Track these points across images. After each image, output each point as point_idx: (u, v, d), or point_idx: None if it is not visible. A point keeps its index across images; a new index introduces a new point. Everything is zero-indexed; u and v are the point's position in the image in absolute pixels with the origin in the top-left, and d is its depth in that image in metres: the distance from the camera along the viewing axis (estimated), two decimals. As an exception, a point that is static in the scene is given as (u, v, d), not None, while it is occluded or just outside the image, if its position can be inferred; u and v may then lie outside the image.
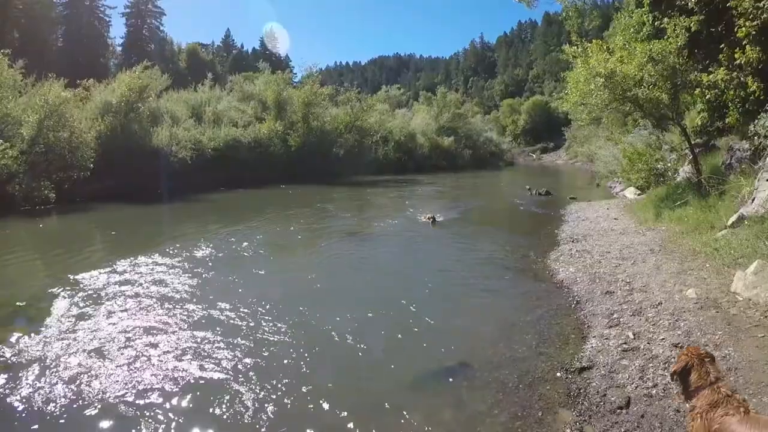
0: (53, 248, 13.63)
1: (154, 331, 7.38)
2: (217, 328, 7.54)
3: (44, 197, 19.34)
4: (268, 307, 8.46)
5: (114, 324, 7.65)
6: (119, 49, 77.54)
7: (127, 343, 6.97)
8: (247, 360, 6.50)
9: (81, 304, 8.50)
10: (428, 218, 16.18)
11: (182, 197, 22.31)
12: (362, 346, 7.11)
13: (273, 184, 28.14)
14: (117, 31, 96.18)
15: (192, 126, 29.57)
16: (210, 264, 11.22)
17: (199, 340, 7.09)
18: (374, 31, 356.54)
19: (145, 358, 6.50)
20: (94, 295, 8.95)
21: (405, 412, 5.40)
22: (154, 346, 6.88)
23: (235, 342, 7.06)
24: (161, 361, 6.45)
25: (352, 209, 21.07)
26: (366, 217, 19.10)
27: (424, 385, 6.05)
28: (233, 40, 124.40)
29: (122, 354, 6.63)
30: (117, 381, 5.92)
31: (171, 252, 12.10)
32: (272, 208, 20.53)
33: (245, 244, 13.32)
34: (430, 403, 5.63)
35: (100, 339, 7.06)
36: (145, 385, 5.84)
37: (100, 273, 10.22)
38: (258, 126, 33.35)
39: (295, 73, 59.20)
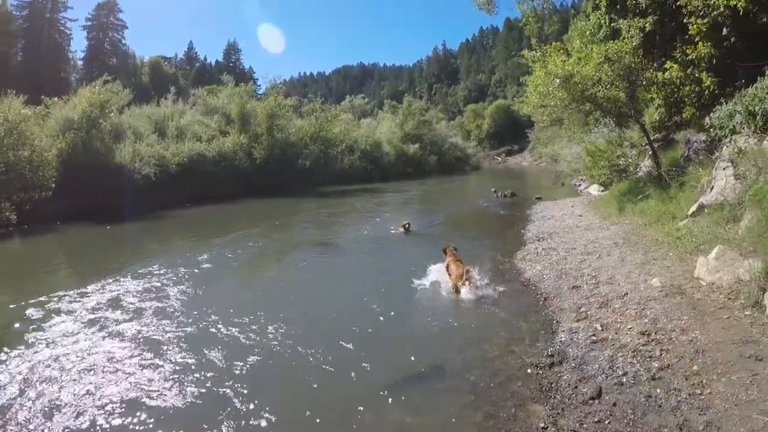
0: (16, 272, 13.18)
1: (119, 352, 7.21)
2: (187, 344, 7.44)
3: (5, 219, 18.70)
4: (237, 320, 8.38)
5: (80, 347, 7.43)
6: (80, 63, 75.62)
7: (94, 364, 6.81)
8: (219, 372, 6.45)
9: (47, 329, 8.20)
10: (404, 226, 16.14)
11: (147, 215, 21.79)
12: (333, 354, 7.07)
13: (239, 198, 27.73)
14: (78, 45, 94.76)
15: (155, 141, 28.88)
16: (177, 282, 10.95)
17: (167, 357, 6.97)
18: (338, 42, 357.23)
19: (111, 379, 6.37)
20: (60, 319, 8.64)
21: (377, 419, 5.42)
22: (119, 366, 6.74)
23: (204, 355, 6.98)
24: (129, 380, 6.33)
25: (320, 221, 20.88)
26: (334, 228, 18.95)
27: (395, 391, 6.00)
28: (196, 52, 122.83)
29: (89, 375, 6.48)
30: (85, 403, 5.79)
31: (137, 272, 11.75)
32: (239, 222, 20.24)
33: (212, 260, 13.07)
34: (402, 409, 5.62)
35: (66, 362, 6.87)
36: (112, 405, 5.73)
37: (65, 296, 9.84)
38: (222, 140, 32.79)
39: (259, 85, 58.70)
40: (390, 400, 5.80)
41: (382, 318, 8.47)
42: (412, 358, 6.87)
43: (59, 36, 68.11)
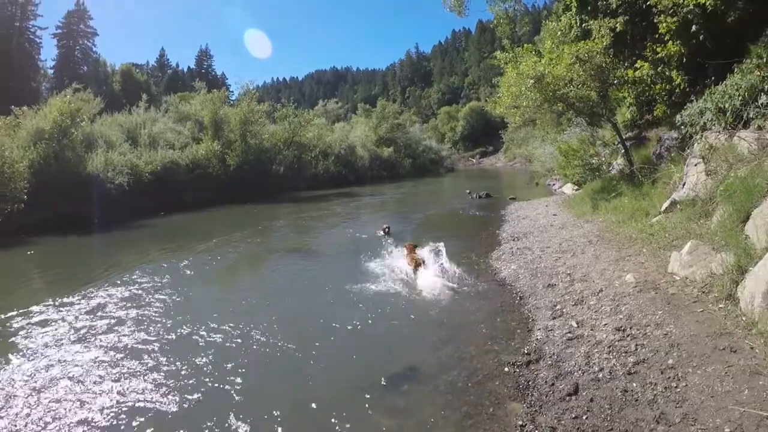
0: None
1: (98, 363, 7.10)
2: (165, 352, 7.38)
3: (-24, 233, 18.20)
4: (215, 327, 8.32)
5: (58, 358, 7.30)
6: (51, 71, 73.97)
7: (71, 375, 6.69)
8: (196, 379, 6.42)
9: (22, 342, 8.02)
10: (384, 229, 16.13)
11: (121, 224, 21.37)
12: (310, 359, 7.05)
13: (214, 206, 27.47)
14: (48, 53, 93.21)
15: (128, 150, 28.42)
16: (154, 291, 10.73)
17: (144, 367, 6.90)
18: (311, 46, 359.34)
19: (90, 390, 6.29)
20: (37, 332, 8.44)
21: (355, 422, 5.39)
22: (97, 377, 6.65)
23: (182, 363, 6.93)
24: (107, 390, 6.26)
25: (297, 226, 20.75)
26: (311, 234, 18.87)
27: (373, 393, 5.99)
28: (168, 59, 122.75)
29: (67, 386, 6.39)
30: (63, 414, 5.71)
31: (114, 282, 11.50)
32: (214, 230, 19.95)
33: (190, 269, 12.89)
34: (381, 411, 5.60)
35: (43, 374, 6.75)
36: (92, 415, 5.68)
37: (40, 309, 9.57)
38: (195, 147, 32.44)
39: (232, 92, 58.43)
40: (368, 402, 5.78)
41: (358, 321, 8.43)
42: (389, 360, 6.90)
43: (29, 44, 66.44)
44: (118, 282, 11.57)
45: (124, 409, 5.81)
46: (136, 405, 5.89)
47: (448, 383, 6.04)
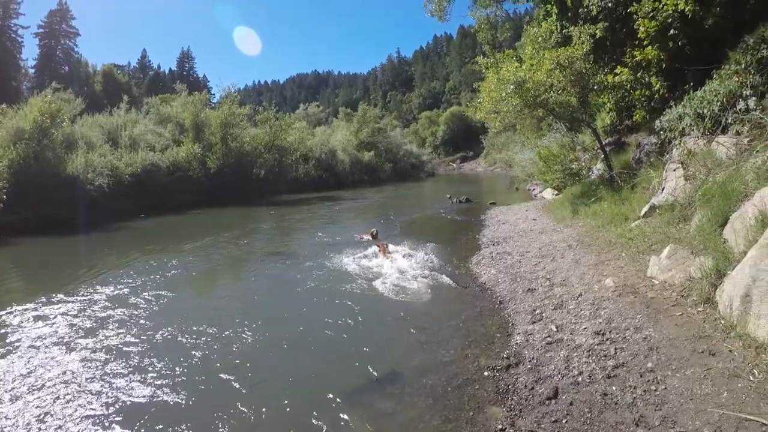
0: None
1: (78, 365, 7.03)
2: (145, 355, 7.32)
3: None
4: (196, 330, 8.27)
5: (37, 361, 7.21)
6: (32, 71, 73.24)
7: (50, 378, 6.62)
8: (174, 382, 6.39)
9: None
10: (372, 233, 16.15)
11: (101, 226, 21.10)
12: (290, 363, 7.04)
13: (194, 208, 27.28)
14: (30, 53, 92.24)
15: (108, 151, 28.16)
16: (134, 294, 10.59)
17: (121, 369, 6.86)
18: (293, 50, 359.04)
19: (68, 392, 6.22)
20: (16, 335, 8.30)
21: (336, 425, 5.38)
22: (75, 379, 6.59)
23: (156, 365, 6.90)
24: (85, 393, 6.22)
25: (277, 230, 20.67)
26: (291, 237, 18.79)
27: (353, 398, 5.99)
28: (150, 60, 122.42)
29: (45, 388, 6.32)
30: (42, 416, 5.66)
31: (93, 285, 11.37)
32: (194, 233, 19.77)
33: (170, 271, 12.73)
34: (361, 415, 5.59)
35: (22, 377, 6.67)
36: (69, 418, 5.62)
37: (19, 311, 9.47)
38: (176, 149, 32.20)
39: (213, 94, 58.17)
40: (348, 406, 5.77)
41: (338, 324, 8.44)
42: (369, 365, 6.85)
43: (11, 43, 65.58)
44: (97, 284, 11.46)
45: (99, 411, 5.75)
46: (112, 407, 5.83)
47: (429, 387, 6.04)
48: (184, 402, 5.97)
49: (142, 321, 8.90)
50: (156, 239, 18.96)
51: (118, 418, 5.63)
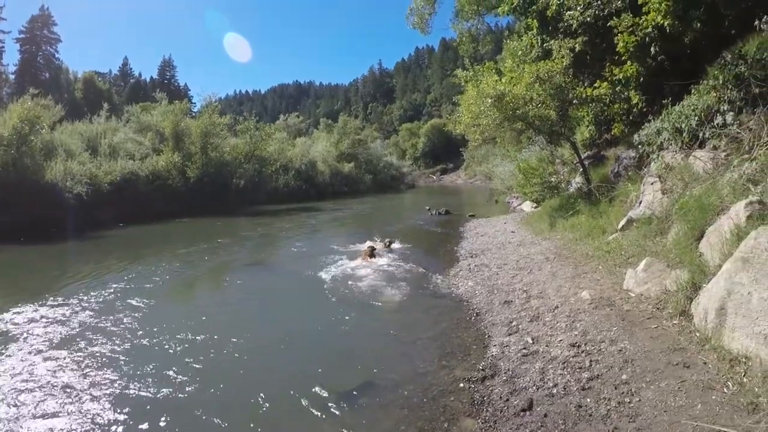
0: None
1: (51, 374, 6.93)
2: (114, 365, 7.24)
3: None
4: (167, 338, 8.24)
5: (7, 370, 7.11)
6: (12, 77, 72.21)
7: (21, 388, 6.52)
8: (149, 392, 6.35)
9: None
10: (386, 243, 16.19)
11: (79, 235, 20.85)
12: (264, 373, 7.03)
13: (173, 218, 27.02)
14: (10, 58, 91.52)
15: (87, 159, 27.91)
16: (111, 304, 10.45)
17: (102, 380, 6.75)
18: (274, 60, 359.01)
19: (42, 405, 6.10)
20: None
21: None
22: (47, 390, 6.48)
23: (129, 374, 6.85)
24: (58, 402, 6.13)
25: (256, 240, 20.51)
26: (269, 248, 18.72)
27: (328, 408, 5.96)
28: (131, 68, 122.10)
29: (17, 397, 6.24)
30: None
31: (70, 294, 11.20)
32: (173, 243, 19.66)
33: (148, 281, 12.59)
34: (337, 425, 5.57)
35: None
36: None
37: None
38: (155, 158, 32.02)
39: (194, 103, 57.88)
40: (323, 417, 5.75)
41: (314, 335, 8.52)
42: (345, 374, 6.87)
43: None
44: (72, 293, 11.33)
45: (77, 418, 5.72)
46: (90, 414, 5.79)
47: (404, 398, 6.03)
48: (146, 410, 5.91)
49: (113, 331, 8.77)
50: (133, 249, 18.71)
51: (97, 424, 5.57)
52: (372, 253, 14.14)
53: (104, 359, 7.45)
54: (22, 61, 75.08)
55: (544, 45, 16.99)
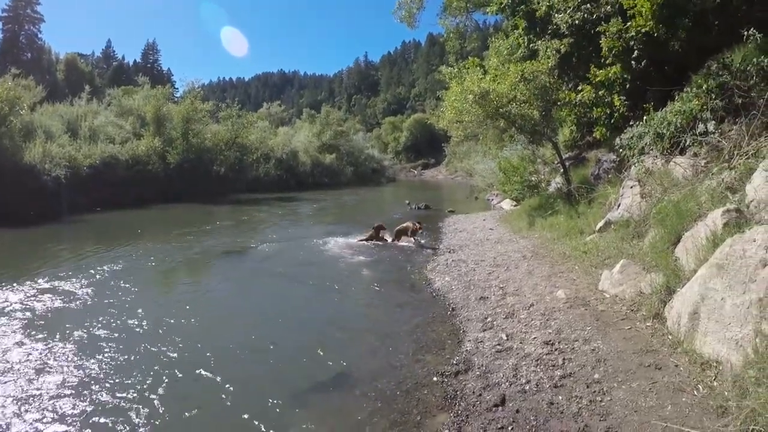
0: None
1: (19, 362, 6.85)
2: (81, 354, 7.14)
3: None
4: (147, 328, 8.21)
5: None
6: None
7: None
8: (123, 382, 6.28)
9: None
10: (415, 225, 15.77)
11: (56, 219, 20.69)
12: (237, 365, 6.95)
13: (152, 204, 26.93)
14: None
15: (67, 142, 27.56)
16: (87, 290, 10.36)
17: (70, 371, 6.64)
18: (259, 48, 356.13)
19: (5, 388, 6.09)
20: None
21: (285, 428, 5.34)
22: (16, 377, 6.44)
23: (97, 364, 6.77)
24: (27, 390, 6.08)
25: (236, 229, 20.37)
26: (248, 237, 18.50)
27: (302, 399, 5.96)
28: (114, 51, 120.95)
29: None
30: None
31: (45, 279, 11.07)
32: (152, 229, 19.52)
33: (124, 267, 12.49)
34: (310, 417, 5.55)
35: None
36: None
37: None
38: (136, 143, 31.81)
39: (177, 88, 57.31)
40: (296, 409, 5.75)
41: (288, 328, 8.46)
42: (319, 367, 6.83)
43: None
44: (50, 278, 11.17)
45: (48, 405, 5.68)
46: (48, 410, 5.68)
47: (377, 391, 6.02)
48: (117, 404, 5.84)
49: (84, 319, 8.64)
50: (112, 234, 18.60)
51: (67, 413, 5.54)
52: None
53: (62, 349, 7.33)
54: (4, 40, 74.50)
55: (531, 45, 17.06)
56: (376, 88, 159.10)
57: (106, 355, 7.09)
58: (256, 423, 5.41)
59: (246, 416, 5.57)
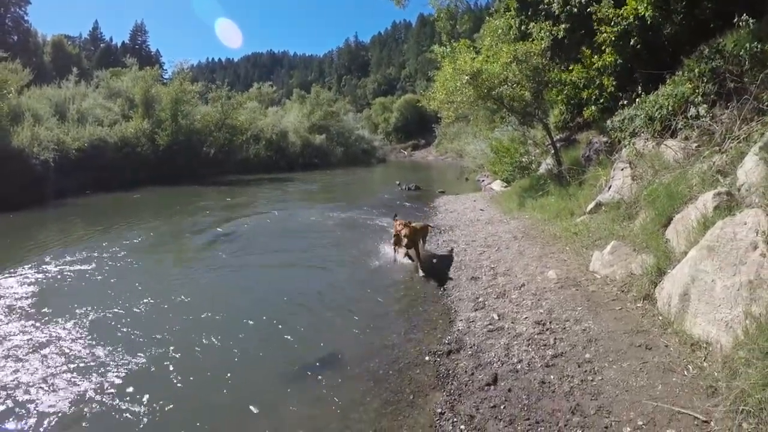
0: None
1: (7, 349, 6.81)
2: (73, 340, 7.10)
3: None
4: (132, 311, 8.15)
5: None
6: None
7: None
8: (115, 368, 6.26)
9: None
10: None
11: (45, 202, 20.41)
12: (230, 347, 6.89)
13: (141, 186, 26.63)
14: None
15: (55, 125, 27.24)
16: (76, 274, 10.29)
17: (58, 353, 6.66)
18: (248, 28, 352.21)
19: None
20: None
21: (276, 409, 5.36)
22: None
23: (103, 352, 6.72)
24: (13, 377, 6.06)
25: (226, 211, 20.22)
26: (239, 219, 18.33)
27: (295, 380, 5.97)
28: (101, 33, 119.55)
29: None
30: None
31: (34, 263, 10.93)
32: (141, 211, 19.32)
33: (114, 250, 12.34)
34: (302, 398, 5.57)
35: None
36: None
37: None
38: (125, 125, 31.45)
39: (165, 70, 56.70)
40: (287, 391, 5.75)
41: (278, 310, 8.38)
42: (310, 348, 6.84)
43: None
44: (38, 264, 10.99)
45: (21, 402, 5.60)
46: (38, 398, 5.67)
47: (370, 371, 6.07)
48: (110, 390, 5.82)
49: (76, 304, 8.49)
50: (101, 217, 18.33)
51: (33, 411, 5.47)
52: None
53: (55, 334, 7.29)
54: (-11, 23, 72.66)
55: (522, 27, 16.98)
56: (367, 69, 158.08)
57: (88, 339, 7.06)
58: (247, 404, 5.43)
59: (236, 398, 5.59)
